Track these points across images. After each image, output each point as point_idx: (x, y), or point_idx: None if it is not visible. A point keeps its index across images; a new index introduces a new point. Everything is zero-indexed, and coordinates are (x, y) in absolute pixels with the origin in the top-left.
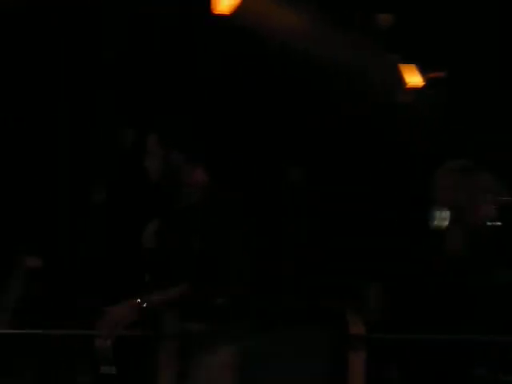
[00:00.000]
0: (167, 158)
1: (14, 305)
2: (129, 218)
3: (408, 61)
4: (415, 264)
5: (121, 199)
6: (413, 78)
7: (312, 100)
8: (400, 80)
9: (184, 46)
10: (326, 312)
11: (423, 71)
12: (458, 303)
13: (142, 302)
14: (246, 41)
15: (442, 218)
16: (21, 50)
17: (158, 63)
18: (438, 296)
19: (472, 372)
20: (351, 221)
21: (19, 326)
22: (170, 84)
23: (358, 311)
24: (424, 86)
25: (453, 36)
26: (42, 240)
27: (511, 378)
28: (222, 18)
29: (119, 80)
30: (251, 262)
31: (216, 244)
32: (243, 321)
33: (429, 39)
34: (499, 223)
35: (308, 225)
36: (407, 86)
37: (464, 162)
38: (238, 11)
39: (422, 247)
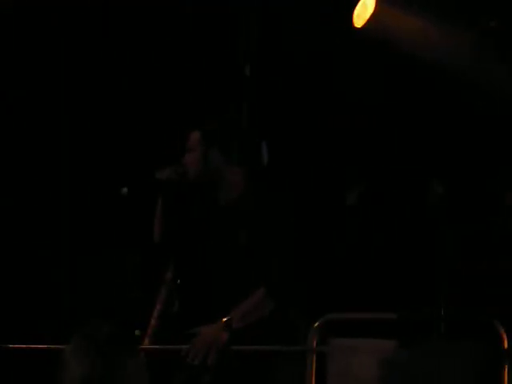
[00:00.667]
0: (207, 157)
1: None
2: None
3: None
4: None
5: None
6: None
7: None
8: None
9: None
10: (476, 324)
11: None
12: None
13: (229, 322)
14: (380, 53)
15: None
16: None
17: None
18: None
19: None
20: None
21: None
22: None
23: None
24: None
25: None
26: None
27: None
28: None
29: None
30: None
31: (264, 243)
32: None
33: None
34: None
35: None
36: None
37: None
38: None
39: None
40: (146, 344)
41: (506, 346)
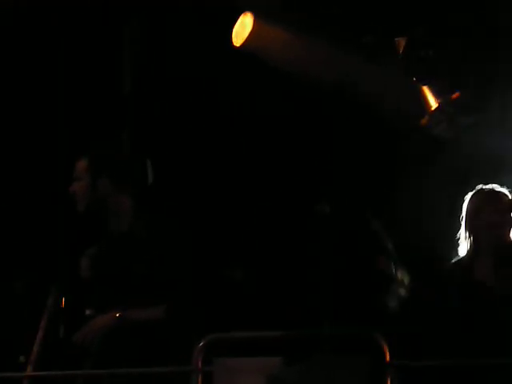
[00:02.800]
0: (95, 185)
1: None
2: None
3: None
4: None
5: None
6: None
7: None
8: (425, 104)
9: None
10: (361, 339)
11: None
12: None
13: (120, 315)
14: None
15: None
16: None
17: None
18: None
19: None
20: None
21: None
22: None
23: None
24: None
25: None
26: None
27: None
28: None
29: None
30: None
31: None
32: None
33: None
34: None
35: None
36: (431, 110)
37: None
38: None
39: None
40: (30, 371)
41: (387, 359)
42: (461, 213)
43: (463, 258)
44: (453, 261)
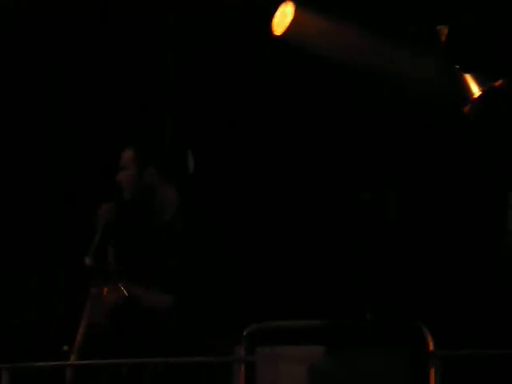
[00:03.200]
0: (141, 175)
1: None
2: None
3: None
4: None
5: None
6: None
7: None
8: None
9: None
10: (402, 329)
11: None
12: None
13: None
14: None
15: None
16: None
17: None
18: None
19: None
20: None
21: None
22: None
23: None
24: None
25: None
26: None
27: None
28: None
29: None
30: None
31: (192, 261)
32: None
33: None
34: None
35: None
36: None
37: None
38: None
39: None
40: (73, 360)
41: (431, 348)
42: None
43: None
44: None
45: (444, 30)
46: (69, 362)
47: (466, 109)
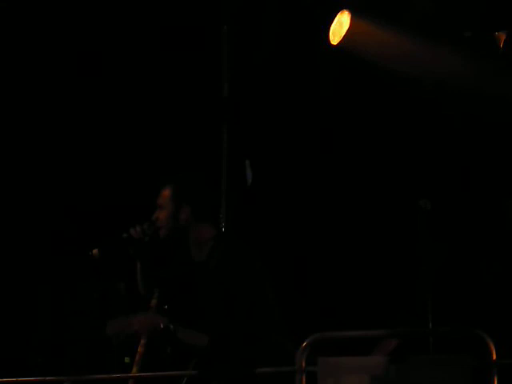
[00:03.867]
0: (177, 214)
1: None
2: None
3: None
4: None
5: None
6: None
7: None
8: None
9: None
10: (465, 337)
11: None
12: None
13: (165, 325)
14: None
15: None
16: None
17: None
18: None
19: None
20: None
21: None
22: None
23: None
24: None
25: None
26: None
27: None
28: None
29: None
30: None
31: (232, 299)
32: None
33: None
34: None
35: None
36: None
37: None
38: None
39: None
40: (135, 372)
41: (494, 357)
42: None
43: None
44: None
45: (502, 36)
46: (130, 375)
47: None
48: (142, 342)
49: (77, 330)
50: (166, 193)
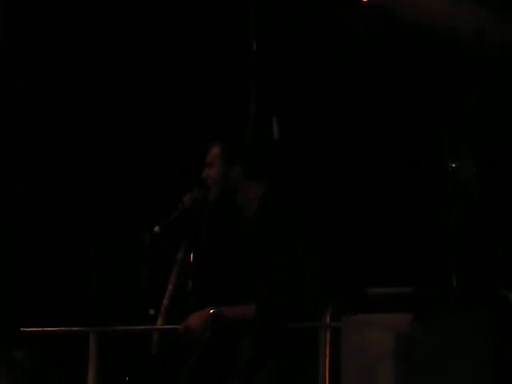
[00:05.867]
0: (227, 172)
1: None
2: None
3: None
4: None
5: None
6: None
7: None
8: None
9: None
10: (488, 296)
11: None
12: None
13: (214, 312)
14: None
15: None
16: None
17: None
18: None
19: None
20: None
21: None
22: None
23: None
24: None
25: None
26: None
27: None
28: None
29: None
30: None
31: (276, 259)
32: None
33: None
34: None
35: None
36: None
37: None
38: None
39: None
40: (160, 323)
41: None
42: None
43: None
44: None
45: None
46: (155, 327)
47: None
48: (167, 294)
49: (102, 281)
50: (216, 150)
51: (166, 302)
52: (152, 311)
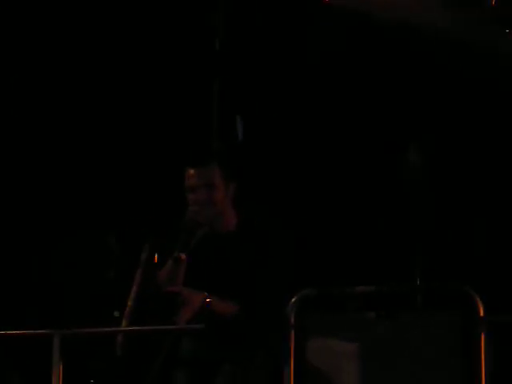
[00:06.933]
0: (228, 193)
1: None
2: None
3: None
4: None
5: None
6: None
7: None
8: None
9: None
10: (452, 294)
11: None
12: None
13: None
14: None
15: None
16: None
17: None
18: None
19: None
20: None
21: None
22: None
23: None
24: None
25: None
26: None
27: None
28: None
29: None
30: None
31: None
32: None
33: None
34: None
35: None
36: None
37: None
38: None
39: None
40: (124, 325)
41: (481, 314)
42: None
43: None
44: None
45: None
46: (120, 328)
47: None
48: (132, 295)
49: (66, 282)
50: (216, 171)
51: (130, 303)
52: (117, 313)
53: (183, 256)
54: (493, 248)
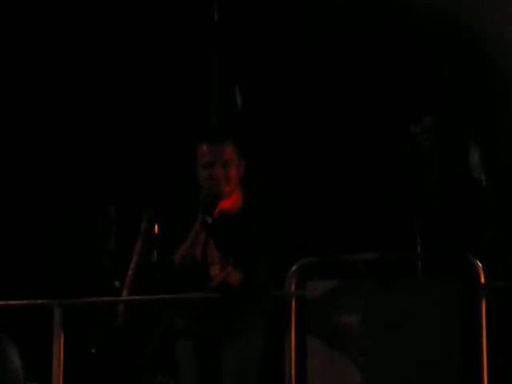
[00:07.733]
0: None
1: None
2: None
3: None
4: None
5: None
6: None
7: None
8: None
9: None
10: (454, 261)
11: None
12: None
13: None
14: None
15: None
16: None
17: None
18: None
19: None
20: None
21: None
22: None
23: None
24: None
25: None
26: None
27: None
28: None
29: None
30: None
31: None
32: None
33: None
34: None
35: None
36: None
37: None
38: None
39: None
40: (125, 295)
41: (482, 281)
42: None
43: None
44: None
45: None
46: (120, 298)
47: None
48: (132, 265)
49: (66, 253)
50: (229, 149)
51: (130, 273)
52: (117, 283)
53: (210, 220)
54: (493, 216)
